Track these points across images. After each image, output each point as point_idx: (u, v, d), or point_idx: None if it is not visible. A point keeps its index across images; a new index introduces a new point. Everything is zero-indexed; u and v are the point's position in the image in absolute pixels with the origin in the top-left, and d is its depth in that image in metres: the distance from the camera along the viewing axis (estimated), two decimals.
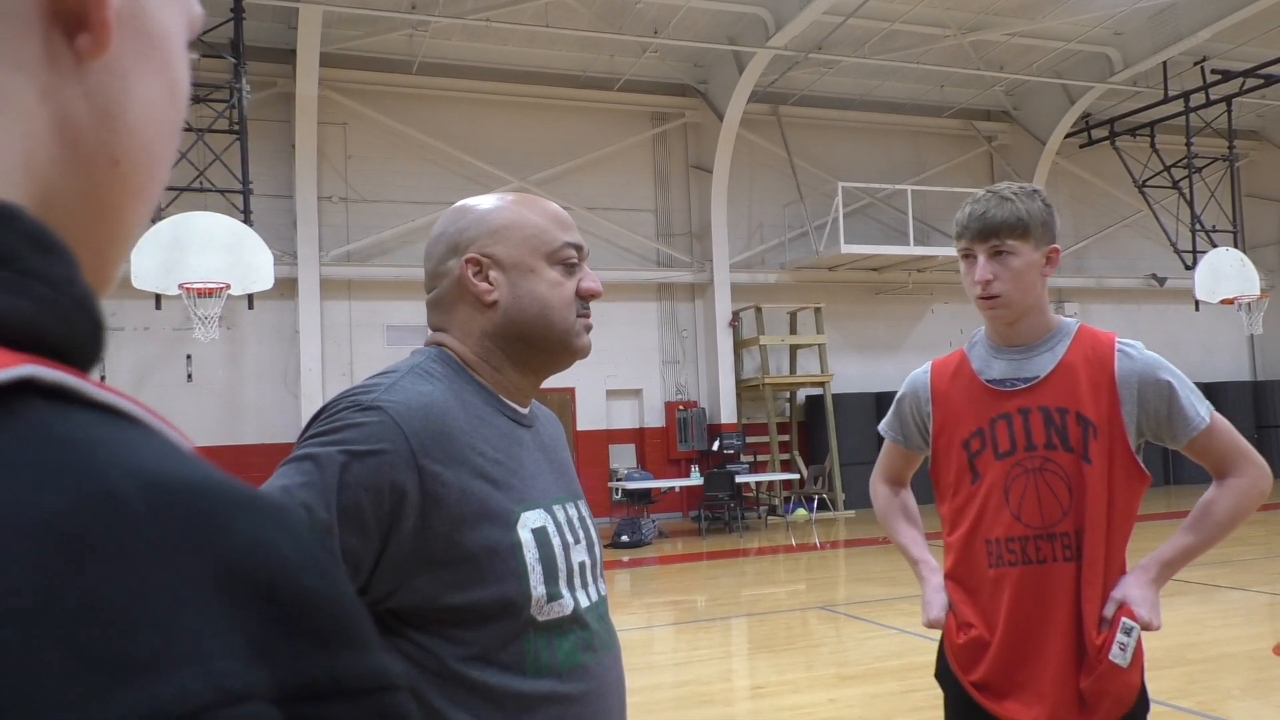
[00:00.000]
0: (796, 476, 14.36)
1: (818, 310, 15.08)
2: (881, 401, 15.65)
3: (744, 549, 11.62)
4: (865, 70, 15.48)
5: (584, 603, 1.20)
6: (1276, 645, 5.76)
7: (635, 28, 13.75)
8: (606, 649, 1.23)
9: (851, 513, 14.67)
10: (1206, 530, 1.91)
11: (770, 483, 14.41)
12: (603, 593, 1.28)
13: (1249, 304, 15.58)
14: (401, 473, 1.08)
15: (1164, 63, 15.24)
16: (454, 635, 1.10)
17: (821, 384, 14.99)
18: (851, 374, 16.06)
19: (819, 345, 15.08)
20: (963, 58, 15.21)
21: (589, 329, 1.28)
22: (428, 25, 13.12)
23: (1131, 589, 1.87)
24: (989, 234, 1.90)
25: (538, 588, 1.13)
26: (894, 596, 7.76)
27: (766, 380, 14.70)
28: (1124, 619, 1.84)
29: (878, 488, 2.28)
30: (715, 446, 14.38)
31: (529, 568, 1.13)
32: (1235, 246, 16.15)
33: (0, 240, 0.32)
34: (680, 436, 15.17)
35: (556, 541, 1.18)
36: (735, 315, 15.24)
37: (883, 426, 2.23)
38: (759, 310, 14.95)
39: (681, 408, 15.25)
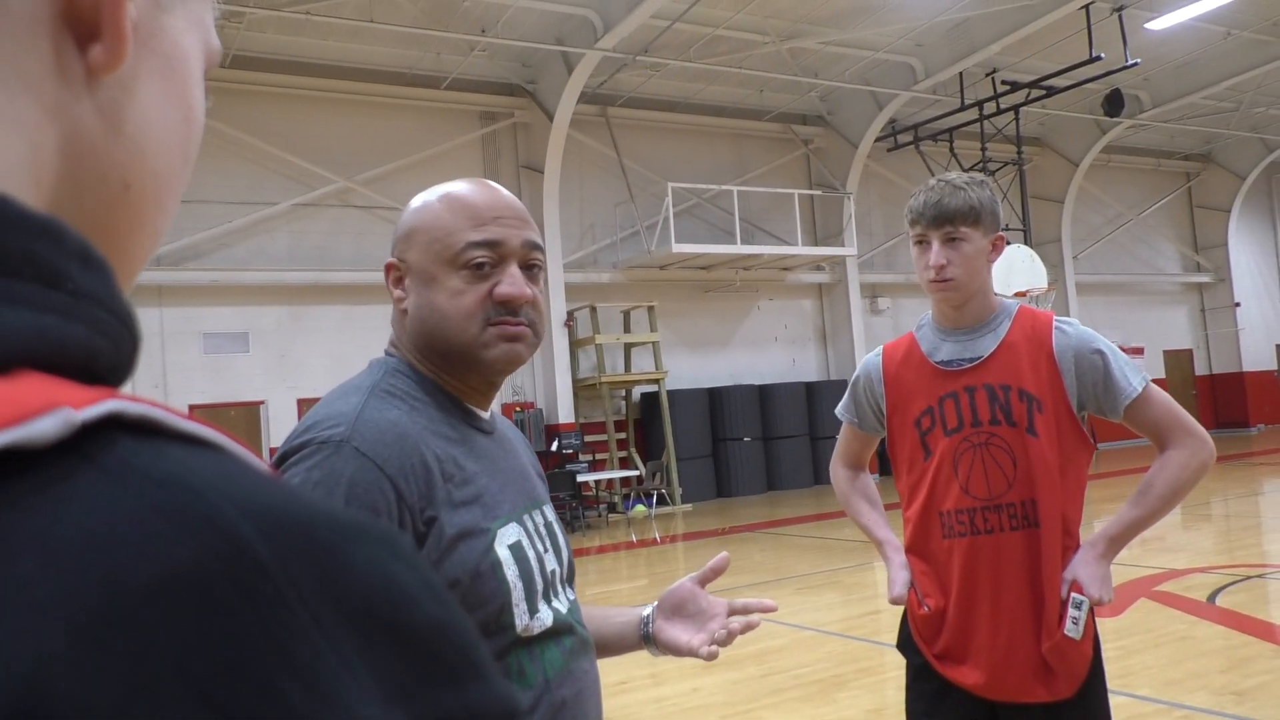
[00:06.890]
0: (635, 473, 14.58)
1: (650, 309, 15.35)
2: (714, 396, 16.10)
3: (586, 547, 11.70)
4: (690, 74, 15.87)
5: (561, 609, 1.20)
6: None
7: (462, 25, 13.56)
8: (586, 650, 1.24)
9: (689, 506, 15.02)
10: (1149, 504, 2.02)
11: (610, 480, 14.57)
12: (572, 596, 1.27)
13: (1038, 296, 17.05)
14: (387, 513, 1.05)
15: (960, 73, 16.41)
16: None
17: (656, 381, 15.26)
18: (684, 370, 16.44)
19: (653, 343, 15.36)
20: (781, 64, 15.84)
21: (512, 338, 1.15)
22: (242, 17, 12.48)
23: (1080, 567, 2.00)
24: (944, 220, 2.01)
25: (520, 604, 1.12)
26: (738, 585, 8.03)
27: (603, 379, 14.85)
28: (1074, 594, 1.98)
29: (837, 471, 2.35)
30: (554, 447, 14.40)
31: (510, 585, 1.11)
32: (1025, 243, 17.62)
33: (53, 259, 0.29)
34: None
35: (531, 554, 1.16)
36: (570, 315, 15.30)
37: (839, 410, 2.30)
38: (594, 309, 15.06)
39: (519, 409, 15.18)
